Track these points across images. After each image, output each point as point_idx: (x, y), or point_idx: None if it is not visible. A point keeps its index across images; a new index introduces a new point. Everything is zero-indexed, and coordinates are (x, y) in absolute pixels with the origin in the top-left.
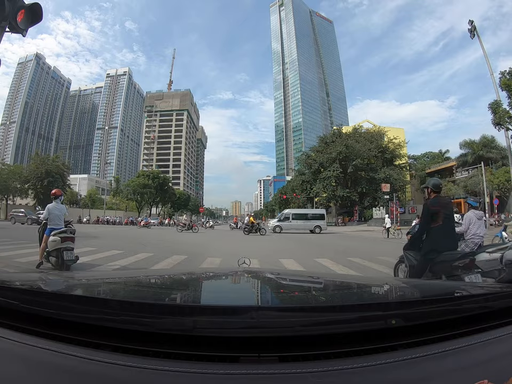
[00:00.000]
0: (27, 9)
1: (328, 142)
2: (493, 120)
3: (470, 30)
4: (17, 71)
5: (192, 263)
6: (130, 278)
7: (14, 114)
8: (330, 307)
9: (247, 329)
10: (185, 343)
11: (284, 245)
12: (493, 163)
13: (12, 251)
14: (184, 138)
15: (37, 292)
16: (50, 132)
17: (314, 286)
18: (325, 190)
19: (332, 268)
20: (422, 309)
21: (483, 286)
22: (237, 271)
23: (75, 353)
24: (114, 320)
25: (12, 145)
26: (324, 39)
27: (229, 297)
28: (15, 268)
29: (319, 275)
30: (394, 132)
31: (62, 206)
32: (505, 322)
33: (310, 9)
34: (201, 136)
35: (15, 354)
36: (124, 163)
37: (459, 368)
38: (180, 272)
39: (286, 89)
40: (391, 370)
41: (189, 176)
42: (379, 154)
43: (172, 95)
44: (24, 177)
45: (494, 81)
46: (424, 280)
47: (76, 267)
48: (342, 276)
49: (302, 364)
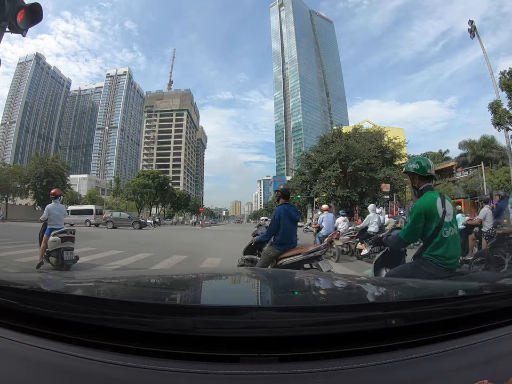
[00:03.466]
0: (27, 9)
1: (328, 142)
2: (493, 120)
3: (470, 30)
4: (17, 71)
5: (192, 263)
6: (130, 278)
7: (14, 114)
8: (330, 307)
9: (247, 329)
10: (185, 343)
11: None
12: (493, 163)
13: (12, 251)
14: (184, 138)
15: (37, 291)
16: (50, 132)
17: (314, 286)
18: (325, 190)
19: (332, 268)
20: (422, 309)
21: (483, 286)
22: (237, 271)
23: (75, 353)
24: (114, 320)
25: (12, 145)
26: (323, 39)
27: (229, 297)
28: (15, 268)
29: (319, 275)
30: (394, 132)
31: (61, 206)
32: (505, 322)
33: (310, 9)
34: (201, 136)
35: (15, 354)
36: (124, 163)
37: (459, 368)
38: (180, 272)
39: (286, 89)
40: (391, 370)
41: (189, 176)
42: (379, 154)
43: (171, 95)
44: (24, 177)
45: (494, 81)
46: (424, 280)
47: (75, 267)
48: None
49: (302, 364)
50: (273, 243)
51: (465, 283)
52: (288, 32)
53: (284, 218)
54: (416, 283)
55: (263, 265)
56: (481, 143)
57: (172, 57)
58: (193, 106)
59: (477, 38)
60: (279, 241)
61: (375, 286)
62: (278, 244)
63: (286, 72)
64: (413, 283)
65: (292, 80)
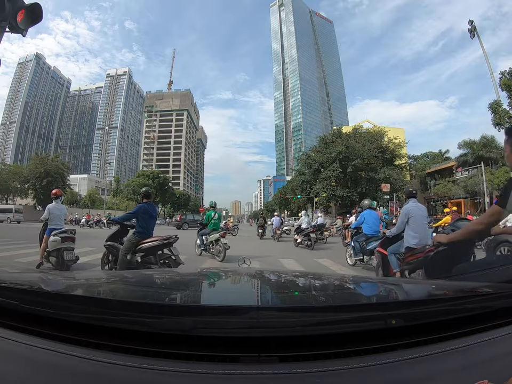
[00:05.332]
0: (27, 9)
1: (328, 142)
2: (493, 120)
3: (470, 30)
4: (17, 71)
5: (192, 263)
6: (130, 278)
7: (14, 114)
8: (330, 307)
9: (247, 329)
10: (185, 343)
11: (283, 245)
12: (493, 163)
13: (12, 251)
14: (184, 138)
15: (37, 291)
16: (50, 132)
17: (314, 286)
18: (325, 190)
19: (332, 268)
20: (422, 309)
21: (483, 286)
22: (237, 271)
23: (75, 353)
24: (115, 320)
25: (12, 145)
26: (323, 39)
27: (229, 297)
28: (15, 268)
29: (319, 275)
30: (394, 132)
31: (62, 206)
32: (505, 322)
33: (310, 9)
34: (201, 136)
35: (15, 354)
36: (124, 163)
37: (459, 368)
38: (180, 272)
39: (286, 89)
40: (391, 370)
41: (189, 176)
42: (379, 154)
43: (171, 95)
44: (24, 177)
45: (494, 81)
46: (424, 280)
47: (76, 267)
48: (342, 276)
49: (302, 364)
50: (135, 232)
51: (465, 283)
52: (288, 32)
53: (144, 215)
54: (416, 283)
55: (126, 250)
56: (481, 143)
57: (171, 57)
58: (193, 106)
59: (477, 38)
60: (140, 231)
61: (375, 286)
62: (139, 233)
63: (286, 72)
64: (413, 283)
65: (291, 80)
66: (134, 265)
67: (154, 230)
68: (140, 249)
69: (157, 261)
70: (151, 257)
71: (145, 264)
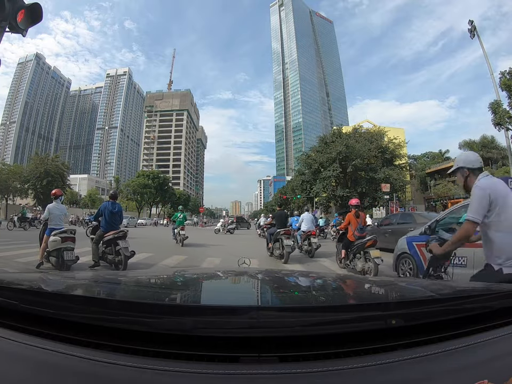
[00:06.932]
0: (27, 9)
1: (328, 142)
2: (493, 120)
3: (470, 30)
4: (17, 71)
5: (192, 263)
6: (130, 278)
7: (14, 114)
8: (330, 307)
9: (247, 329)
10: (186, 343)
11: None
12: (493, 163)
13: (12, 251)
14: (184, 138)
15: (37, 291)
16: (50, 132)
17: (314, 286)
18: (325, 190)
19: (332, 268)
20: (422, 309)
21: (483, 286)
22: (237, 271)
23: (75, 353)
24: (115, 320)
25: (12, 145)
26: (323, 39)
27: (229, 297)
28: (15, 268)
29: (319, 275)
30: (394, 132)
31: (62, 206)
32: (505, 322)
33: (310, 9)
34: (201, 136)
35: (15, 354)
36: (124, 163)
37: (459, 368)
38: (180, 272)
39: (286, 89)
40: (391, 370)
41: (189, 176)
42: (379, 155)
43: (171, 95)
44: (24, 177)
45: (494, 81)
46: (424, 280)
47: (76, 267)
48: (342, 276)
49: (302, 364)
50: (101, 226)
51: (465, 283)
52: (288, 32)
53: (105, 210)
54: (416, 283)
55: (95, 241)
56: (481, 143)
57: (171, 57)
58: (193, 106)
59: (477, 38)
60: (103, 225)
61: (375, 286)
62: (102, 227)
63: (286, 72)
64: (413, 283)
65: (291, 80)
66: (101, 254)
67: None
68: (103, 241)
69: (112, 251)
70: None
71: (105, 253)
